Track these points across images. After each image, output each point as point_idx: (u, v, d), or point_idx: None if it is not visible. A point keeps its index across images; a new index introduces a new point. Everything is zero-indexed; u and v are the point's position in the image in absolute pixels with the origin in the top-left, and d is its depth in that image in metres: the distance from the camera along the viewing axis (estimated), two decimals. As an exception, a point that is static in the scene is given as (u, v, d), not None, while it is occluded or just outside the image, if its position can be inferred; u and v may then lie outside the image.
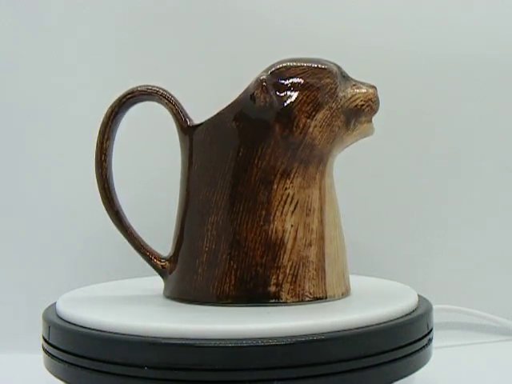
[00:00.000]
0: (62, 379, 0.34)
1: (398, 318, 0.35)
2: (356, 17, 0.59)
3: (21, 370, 0.50)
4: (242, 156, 0.38)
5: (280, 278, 0.37)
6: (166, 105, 0.40)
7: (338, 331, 0.32)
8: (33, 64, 0.57)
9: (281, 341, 0.30)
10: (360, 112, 0.39)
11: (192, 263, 0.39)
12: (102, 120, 0.41)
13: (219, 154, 0.38)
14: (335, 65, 0.40)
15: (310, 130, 0.37)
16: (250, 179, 0.37)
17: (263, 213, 0.37)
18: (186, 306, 0.37)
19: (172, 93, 0.41)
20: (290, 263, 0.37)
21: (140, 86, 0.40)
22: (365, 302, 0.39)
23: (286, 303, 0.37)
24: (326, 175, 0.39)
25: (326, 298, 0.38)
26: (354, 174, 0.58)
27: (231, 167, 0.38)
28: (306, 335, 0.31)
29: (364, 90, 0.39)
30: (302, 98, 0.37)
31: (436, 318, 0.40)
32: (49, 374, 0.36)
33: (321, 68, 0.38)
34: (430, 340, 0.37)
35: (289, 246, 0.37)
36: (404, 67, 0.59)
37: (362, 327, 0.33)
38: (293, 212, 0.37)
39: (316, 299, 0.38)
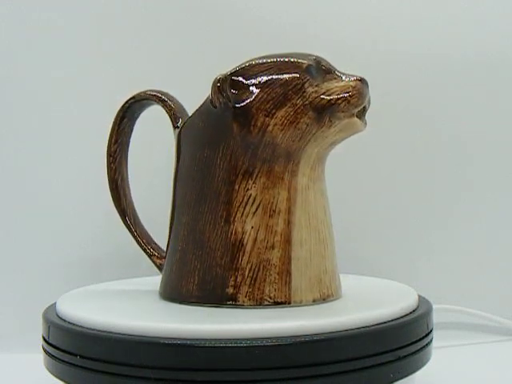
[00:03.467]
0: (61, 379, 0.34)
1: (397, 318, 0.35)
2: (356, 16, 0.59)
3: (21, 370, 0.50)
4: (206, 157, 0.38)
5: (238, 280, 0.36)
6: (162, 107, 0.42)
7: (337, 331, 0.32)
8: (35, 62, 0.57)
9: (281, 341, 0.30)
10: (335, 107, 0.36)
11: (170, 262, 0.39)
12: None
13: (190, 154, 0.39)
14: (313, 58, 0.37)
15: (269, 128, 0.36)
16: (213, 180, 0.37)
17: (224, 213, 0.37)
18: (175, 306, 0.37)
19: (175, 93, 0.43)
20: (249, 265, 0.36)
21: (141, 92, 0.43)
22: (341, 307, 0.37)
23: (242, 306, 0.36)
24: (299, 175, 0.37)
25: (290, 303, 0.36)
26: (354, 173, 0.58)
27: (199, 168, 0.38)
28: (306, 335, 0.31)
29: (342, 84, 0.37)
30: (263, 96, 0.36)
31: (436, 318, 0.40)
32: (49, 374, 0.36)
33: (286, 62, 0.37)
34: (430, 340, 0.37)
35: (248, 247, 0.36)
36: (406, 68, 0.59)
37: (361, 328, 0.33)
38: (254, 213, 0.36)
39: (277, 304, 0.36)
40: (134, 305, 0.38)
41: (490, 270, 0.59)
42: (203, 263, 0.37)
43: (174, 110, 0.42)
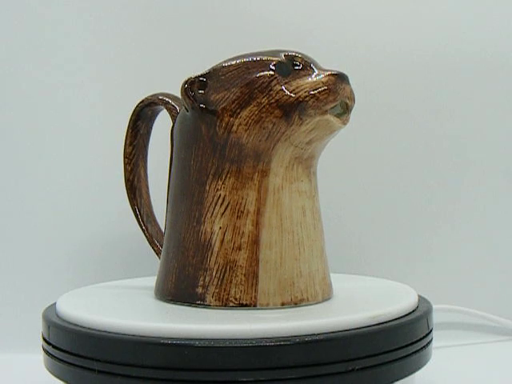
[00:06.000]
0: (62, 379, 0.34)
1: (397, 318, 0.35)
2: (356, 16, 0.59)
3: (21, 370, 0.50)
4: (183, 158, 0.38)
5: (206, 280, 0.36)
6: (166, 109, 0.42)
7: (336, 332, 0.32)
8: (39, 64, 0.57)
9: (277, 341, 0.30)
10: (302, 104, 0.35)
11: (161, 261, 0.40)
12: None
13: (174, 155, 0.40)
14: (286, 54, 0.37)
15: (234, 128, 0.36)
16: (189, 181, 0.38)
17: (197, 214, 0.37)
18: (168, 305, 0.38)
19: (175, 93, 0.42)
20: (217, 266, 0.36)
21: (149, 95, 0.43)
22: (311, 312, 0.35)
23: (209, 306, 0.36)
24: (270, 175, 0.36)
25: (256, 305, 0.36)
26: (354, 173, 0.58)
27: (179, 169, 0.39)
28: (307, 335, 0.31)
29: (313, 80, 0.35)
30: (229, 96, 0.36)
31: (436, 318, 0.40)
32: (49, 374, 0.36)
33: (255, 61, 0.36)
34: (430, 340, 0.37)
35: (215, 248, 0.36)
36: (405, 67, 0.59)
37: (360, 328, 0.33)
38: (223, 214, 0.36)
39: (242, 306, 0.36)
40: (133, 305, 0.38)
41: (490, 270, 0.59)
42: (179, 262, 0.38)
43: (175, 112, 0.42)
